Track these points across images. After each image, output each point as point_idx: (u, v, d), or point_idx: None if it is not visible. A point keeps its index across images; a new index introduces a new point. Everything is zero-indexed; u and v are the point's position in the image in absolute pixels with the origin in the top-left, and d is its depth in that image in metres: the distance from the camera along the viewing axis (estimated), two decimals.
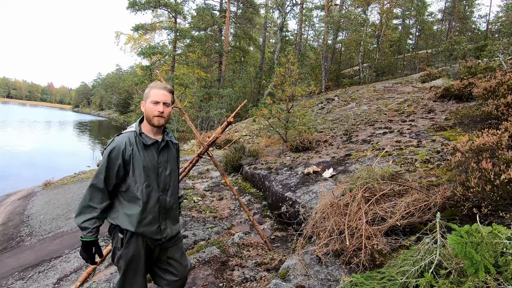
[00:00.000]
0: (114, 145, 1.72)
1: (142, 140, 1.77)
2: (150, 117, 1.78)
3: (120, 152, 1.71)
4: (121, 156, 1.71)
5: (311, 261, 2.51)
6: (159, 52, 17.69)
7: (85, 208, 1.68)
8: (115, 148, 1.71)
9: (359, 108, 8.67)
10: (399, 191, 2.88)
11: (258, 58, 24.13)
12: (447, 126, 5.02)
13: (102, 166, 1.70)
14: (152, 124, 1.80)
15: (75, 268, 3.26)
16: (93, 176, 1.71)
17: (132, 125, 1.86)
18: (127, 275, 1.78)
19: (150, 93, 1.80)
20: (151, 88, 1.83)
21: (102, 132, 32.31)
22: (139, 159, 1.74)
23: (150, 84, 1.87)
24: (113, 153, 1.70)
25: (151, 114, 1.77)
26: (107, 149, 1.72)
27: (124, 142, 1.73)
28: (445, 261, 1.68)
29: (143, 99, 1.84)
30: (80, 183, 7.06)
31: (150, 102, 1.77)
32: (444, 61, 14.60)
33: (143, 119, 1.86)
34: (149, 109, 1.77)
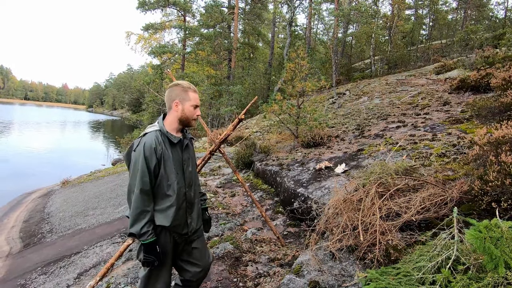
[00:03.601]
0: (146, 145, 1.73)
1: (170, 139, 1.82)
2: (189, 119, 1.88)
3: (152, 152, 1.73)
4: (154, 155, 1.74)
5: (325, 257, 2.51)
6: (169, 51, 17.86)
7: (140, 214, 1.69)
8: (148, 148, 1.73)
9: (371, 102, 8.52)
10: (414, 186, 2.83)
11: (267, 54, 24.00)
12: (463, 118, 4.88)
13: (142, 168, 1.70)
14: (189, 125, 1.91)
15: (94, 264, 3.37)
16: (133, 181, 1.71)
17: (154, 124, 1.87)
18: (153, 270, 1.82)
19: (190, 96, 1.87)
20: (188, 90, 1.87)
21: (116, 131, 33.00)
22: (169, 157, 1.80)
23: (183, 84, 1.89)
24: (147, 153, 1.72)
25: (190, 116, 1.87)
26: (139, 150, 1.73)
27: (154, 141, 1.75)
28: (463, 256, 1.65)
29: (175, 98, 1.86)
30: (96, 181, 7.26)
31: (191, 106, 1.86)
32: (460, 52, 14.12)
33: (164, 116, 1.90)
34: (189, 111, 1.86)
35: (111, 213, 4.77)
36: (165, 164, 1.78)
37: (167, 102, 1.89)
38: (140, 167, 1.70)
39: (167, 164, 1.78)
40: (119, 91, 61.56)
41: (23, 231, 4.86)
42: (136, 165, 1.72)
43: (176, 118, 1.86)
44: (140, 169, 1.70)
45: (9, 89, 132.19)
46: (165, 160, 1.78)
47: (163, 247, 1.80)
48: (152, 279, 1.84)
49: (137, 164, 1.71)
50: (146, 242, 1.70)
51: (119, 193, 5.66)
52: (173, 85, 1.91)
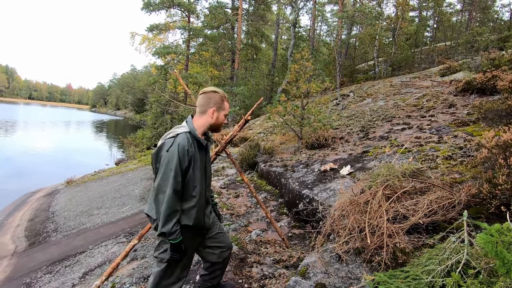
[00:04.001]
0: (180, 146, 1.78)
1: (200, 141, 1.90)
2: (219, 125, 2.01)
3: (185, 153, 1.78)
4: (187, 157, 1.79)
5: (331, 259, 2.49)
6: (173, 51, 17.92)
7: (172, 214, 1.74)
8: (181, 149, 1.77)
9: (376, 104, 8.49)
10: (421, 188, 2.81)
11: (270, 55, 24.01)
12: (469, 121, 4.85)
13: (175, 169, 1.74)
14: (217, 131, 2.06)
15: (99, 263, 3.38)
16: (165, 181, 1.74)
17: (182, 125, 1.93)
18: (171, 266, 1.88)
19: (225, 106, 2.01)
20: (224, 100, 2.00)
21: (119, 131, 33.15)
22: (198, 159, 1.87)
23: (220, 92, 2.00)
24: (181, 154, 1.76)
25: (221, 123, 2.02)
26: (172, 151, 1.77)
27: (186, 143, 1.80)
28: (473, 260, 1.63)
29: (212, 105, 1.95)
30: (100, 181, 7.29)
31: (224, 114, 2.01)
32: (465, 54, 14.04)
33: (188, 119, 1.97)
34: (221, 119, 2.00)
35: (116, 212, 4.78)
36: (194, 165, 1.84)
37: (202, 106, 1.95)
38: (174, 168, 1.74)
39: (195, 166, 1.85)
40: (122, 91, 61.88)
41: (28, 230, 4.89)
42: (169, 165, 1.75)
43: (207, 124, 1.95)
44: (174, 169, 1.74)
45: (14, 88, 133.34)
46: (195, 162, 1.85)
47: (184, 245, 1.85)
48: (168, 274, 1.90)
49: (170, 164, 1.75)
50: (176, 242, 1.76)
51: (123, 193, 5.68)
52: (212, 91, 1.98)
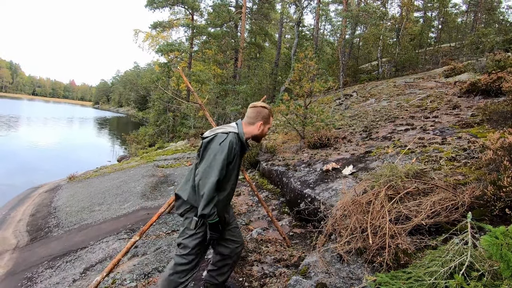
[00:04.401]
0: (230, 144, 1.99)
1: (244, 146, 2.16)
2: (262, 137, 2.26)
3: (232, 151, 2.01)
4: (232, 154, 2.01)
5: (332, 259, 2.48)
6: (177, 49, 17.93)
7: (212, 198, 1.93)
8: (230, 147, 1.99)
9: (379, 104, 8.45)
10: (424, 189, 2.79)
11: (273, 54, 23.96)
12: (473, 122, 4.81)
13: (222, 162, 1.94)
14: (259, 141, 2.31)
15: (100, 259, 3.38)
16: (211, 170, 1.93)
17: (233, 126, 2.14)
18: (192, 253, 2.05)
19: (270, 121, 2.25)
20: (270, 114, 2.24)
21: (121, 128, 33.25)
22: (238, 158, 2.11)
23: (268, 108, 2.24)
24: (229, 151, 1.98)
25: (264, 135, 2.26)
26: (223, 145, 1.97)
27: (235, 142, 2.04)
28: (477, 262, 1.61)
29: (260, 119, 2.19)
30: (102, 177, 7.31)
31: (268, 128, 2.26)
32: (469, 55, 13.94)
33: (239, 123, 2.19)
34: (265, 132, 2.24)
35: (117, 209, 4.79)
36: (234, 164, 2.06)
37: (252, 118, 2.18)
38: (221, 160, 1.94)
39: (235, 164, 2.08)
40: (125, 88, 62.02)
41: (30, 224, 4.91)
42: (217, 156, 1.95)
43: (253, 134, 2.19)
44: (221, 162, 1.94)
45: (17, 84, 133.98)
46: (236, 160, 2.07)
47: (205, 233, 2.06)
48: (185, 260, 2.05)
49: (219, 157, 1.95)
50: (213, 221, 1.97)
51: (125, 190, 5.69)
52: (261, 107, 2.21)
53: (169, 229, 3.91)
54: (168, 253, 3.35)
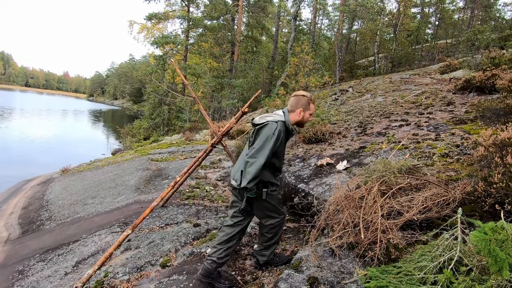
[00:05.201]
0: (279, 131, 2.29)
1: (290, 132, 2.47)
2: (304, 122, 2.54)
3: (281, 137, 2.32)
4: (280, 140, 2.32)
5: (324, 253, 2.50)
6: (172, 41, 17.69)
7: (257, 176, 2.23)
8: (279, 134, 2.29)
9: (374, 100, 8.46)
10: (417, 185, 2.81)
11: (270, 48, 23.79)
12: (467, 119, 4.84)
13: (272, 147, 2.26)
14: (302, 126, 2.62)
15: (92, 252, 3.36)
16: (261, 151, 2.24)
17: (280, 115, 2.42)
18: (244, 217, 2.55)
19: (310, 107, 2.49)
20: (310, 101, 2.49)
21: (116, 121, 32.93)
22: (284, 144, 2.45)
23: (308, 95, 2.48)
24: (279, 137, 2.29)
25: (306, 121, 2.54)
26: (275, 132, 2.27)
27: (283, 130, 2.35)
28: (465, 258, 1.63)
29: (300, 106, 2.45)
30: (95, 170, 7.24)
31: (309, 114, 2.51)
32: (465, 52, 13.99)
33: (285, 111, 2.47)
34: (307, 118, 2.52)
35: (110, 202, 4.76)
36: (281, 147, 2.41)
37: (293, 105, 2.46)
38: (271, 146, 2.25)
39: (282, 148, 2.42)
40: (120, 81, 61.24)
41: (22, 217, 4.86)
42: (268, 141, 2.26)
43: (295, 120, 2.47)
44: (270, 148, 2.25)
45: (10, 75, 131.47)
46: (282, 146, 2.42)
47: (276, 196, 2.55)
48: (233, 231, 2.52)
49: (269, 141, 2.26)
50: (252, 195, 2.33)
51: (119, 183, 5.65)
52: (301, 95, 2.47)
53: (162, 222, 3.89)
54: (161, 247, 3.34)
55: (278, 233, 2.70)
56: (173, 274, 2.86)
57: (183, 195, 4.80)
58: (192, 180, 5.65)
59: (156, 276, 2.90)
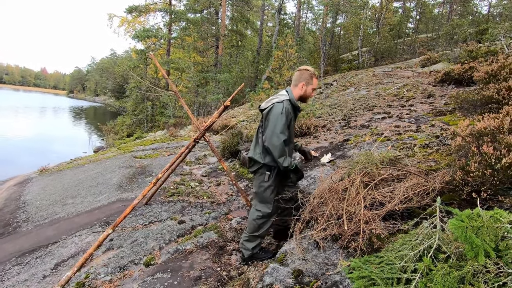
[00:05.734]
0: (286, 109, 2.41)
1: (297, 108, 2.56)
2: (307, 97, 2.59)
3: (289, 115, 2.44)
4: (289, 117, 2.44)
5: (309, 246, 2.50)
6: (154, 35, 17.22)
7: (284, 154, 2.42)
8: (286, 111, 2.41)
9: (358, 93, 8.57)
10: (398, 175, 2.85)
11: (255, 42, 23.62)
12: (446, 111, 4.97)
13: (283, 125, 2.38)
14: (305, 101, 2.66)
15: (73, 253, 3.25)
16: (277, 133, 2.37)
17: (283, 94, 2.52)
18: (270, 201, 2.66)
19: (313, 81, 2.55)
20: (313, 75, 2.54)
21: (98, 118, 31.95)
22: (292, 119, 2.52)
23: (310, 70, 2.54)
24: (286, 114, 2.40)
25: (309, 96, 2.59)
26: (283, 111, 2.39)
27: (290, 108, 2.46)
28: (444, 245, 1.67)
29: (302, 80, 2.52)
30: (76, 169, 7.00)
31: (312, 88, 2.55)
32: (445, 45, 14.36)
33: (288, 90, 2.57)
34: (309, 93, 2.56)
35: (92, 201, 4.61)
36: (292, 125, 2.52)
37: (296, 80, 2.55)
38: (282, 125, 2.38)
39: (292, 125, 2.53)
40: (102, 76, 59.37)
41: None
42: (278, 123, 2.38)
43: (298, 95, 2.54)
44: (282, 126, 2.38)
45: None
46: (292, 122, 2.52)
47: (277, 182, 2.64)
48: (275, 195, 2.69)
49: (279, 123, 2.38)
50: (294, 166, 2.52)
51: (100, 181, 5.49)
52: (304, 69, 2.54)
53: (146, 220, 3.81)
54: (145, 245, 3.27)
55: (264, 227, 2.71)
56: (157, 272, 2.81)
57: (167, 192, 4.72)
58: (177, 176, 5.56)
59: (139, 275, 2.84)
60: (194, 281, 2.63)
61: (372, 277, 1.70)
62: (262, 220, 2.68)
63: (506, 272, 1.36)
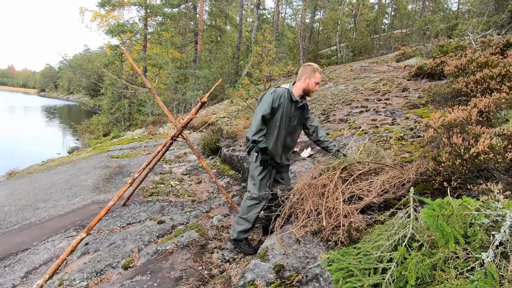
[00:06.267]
0: (276, 92, 2.58)
1: (292, 97, 2.64)
2: (310, 91, 2.69)
3: (278, 98, 2.57)
4: (278, 101, 2.57)
5: (290, 240, 2.52)
6: (129, 30, 16.60)
7: (260, 129, 2.52)
8: (277, 94, 2.57)
9: (337, 88, 8.71)
10: (375, 169, 2.92)
11: (235, 37, 23.40)
12: (420, 104, 5.15)
13: (267, 102, 2.53)
14: (309, 95, 2.75)
15: (45, 260, 3.10)
16: (258, 110, 2.54)
17: (286, 85, 2.70)
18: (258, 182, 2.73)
19: (316, 75, 2.65)
20: (316, 70, 2.65)
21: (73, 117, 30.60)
22: (284, 108, 2.60)
23: (313, 65, 2.68)
24: (275, 96, 2.56)
25: (312, 89, 2.69)
26: (270, 93, 2.58)
27: (282, 93, 2.60)
28: (417, 234, 1.72)
29: (305, 74, 2.65)
30: (48, 171, 6.67)
31: (315, 82, 2.66)
32: (418, 41, 14.87)
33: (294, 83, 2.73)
34: (312, 86, 2.66)
35: (65, 205, 4.41)
36: (282, 112, 2.60)
37: (299, 75, 2.67)
38: (267, 103, 2.53)
39: (283, 113, 2.60)
40: (75, 74, 56.77)
41: None
42: (265, 99, 2.57)
43: (301, 88, 2.66)
44: (267, 103, 2.53)
45: None
46: (283, 110, 2.60)
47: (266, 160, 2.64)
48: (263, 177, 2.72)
49: (266, 100, 2.56)
50: (263, 146, 2.56)
51: (74, 184, 5.25)
52: (307, 65, 2.68)
53: (124, 222, 3.69)
54: (123, 248, 3.17)
55: (253, 210, 2.76)
56: (136, 275, 2.73)
57: (146, 192, 4.59)
58: (156, 175, 5.42)
59: (117, 279, 2.75)
60: (174, 281, 2.58)
61: (350, 268, 1.73)
62: (251, 202, 2.74)
63: (474, 257, 1.42)
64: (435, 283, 1.47)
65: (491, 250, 1.38)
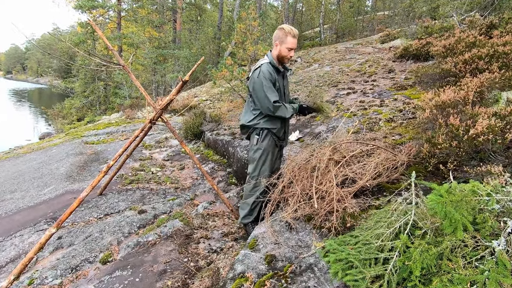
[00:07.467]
0: (264, 72, 2.35)
1: (278, 68, 2.44)
2: (283, 57, 2.42)
3: (270, 76, 2.36)
4: (271, 77, 2.37)
5: (281, 228, 2.38)
6: (101, 5, 15.38)
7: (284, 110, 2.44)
8: (266, 73, 2.35)
9: (322, 69, 8.53)
10: (367, 151, 2.81)
11: (216, 17, 22.42)
12: (407, 85, 5.08)
13: (267, 87, 2.34)
14: (283, 62, 2.49)
15: (12, 258, 2.82)
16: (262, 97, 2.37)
17: (264, 58, 2.47)
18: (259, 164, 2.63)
19: (287, 40, 2.36)
20: (287, 33, 2.35)
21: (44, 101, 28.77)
22: (277, 81, 2.45)
23: (285, 28, 2.36)
24: (264, 76, 2.35)
25: (285, 56, 2.42)
26: (261, 76, 2.35)
27: (269, 70, 2.37)
28: (420, 221, 1.62)
29: (276, 40, 2.39)
30: (15, 159, 6.16)
31: (286, 48, 2.37)
32: (401, 22, 14.84)
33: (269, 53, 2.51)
34: (285, 52, 2.39)
35: (35, 196, 4.06)
36: (278, 87, 2.44)
37: (273, 41, 2.45)
38: (265, 87, 2.34)
39: (278, 87, 2.45)
40: (44, 55, 53.02)
41: None
42: (262, 85, 2.34)
43: (274, 56, 2.44)
44: (266, 88, 2.34)
45: None
46: (278, 83, 2.44)
47: (269, 145, 2.58)
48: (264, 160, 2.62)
49: (260, 87, 2.35)
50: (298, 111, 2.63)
51: (45, 172, 4.86)
52: (279, 28, 2.40)
53: (101, 213, 3.43)
54: (100, 241, 2.93)
55: (253, 193, 2.66)
56: (116, 269, 2.53)
57: (125, 179, 4.31)
58: (136, 162, 5.12)
59: (95, 275, 2.54)
60: (158, 275, 2.41)
61: (349, 259, 1.61)
62: (252, 185, 2.66)
63: (483, 245, 1.33)
64: (441, 273, 1.38)
65: (503, 238, 1.29)
